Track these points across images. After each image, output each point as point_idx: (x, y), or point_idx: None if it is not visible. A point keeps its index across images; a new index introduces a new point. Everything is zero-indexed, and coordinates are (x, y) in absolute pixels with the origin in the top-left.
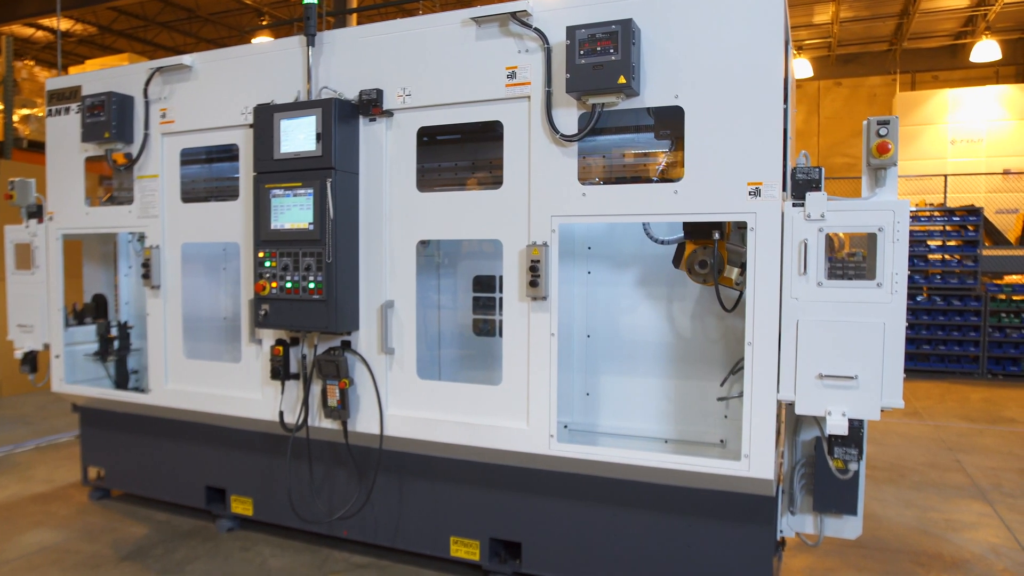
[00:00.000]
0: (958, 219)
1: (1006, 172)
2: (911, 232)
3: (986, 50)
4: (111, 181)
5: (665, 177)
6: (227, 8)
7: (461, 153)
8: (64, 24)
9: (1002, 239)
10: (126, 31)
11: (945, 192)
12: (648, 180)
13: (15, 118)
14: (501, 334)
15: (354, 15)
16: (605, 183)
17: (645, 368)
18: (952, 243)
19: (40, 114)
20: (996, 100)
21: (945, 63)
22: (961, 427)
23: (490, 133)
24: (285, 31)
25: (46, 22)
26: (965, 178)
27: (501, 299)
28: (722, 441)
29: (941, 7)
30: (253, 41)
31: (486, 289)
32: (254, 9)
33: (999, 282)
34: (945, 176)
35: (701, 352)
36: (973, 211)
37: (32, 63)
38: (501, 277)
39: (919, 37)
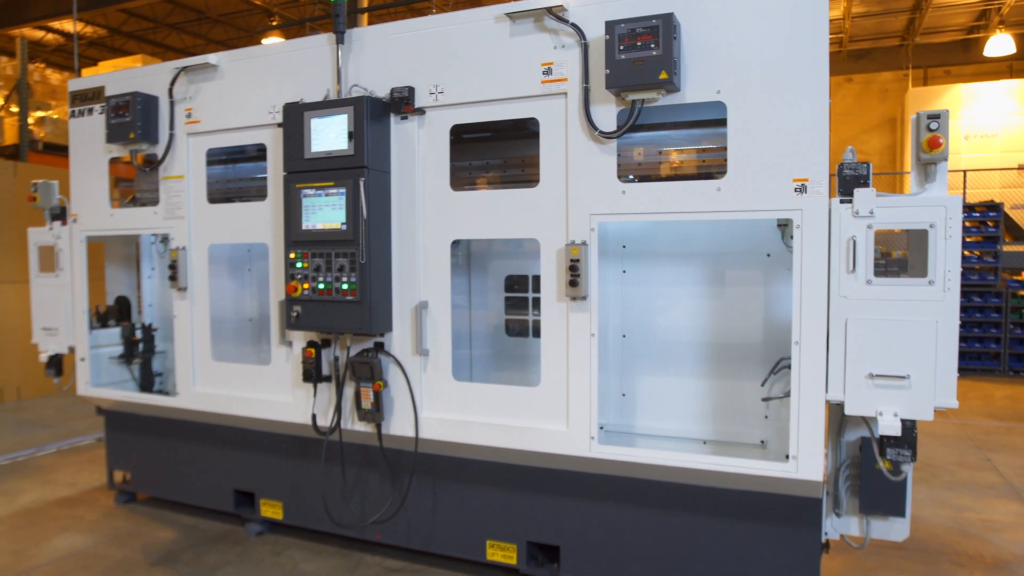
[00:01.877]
0: (978, 215)
1: (1021, 167)
2: None
3: (1000, 44)
4: (127, 183)
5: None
6: (237, 9)
7: (489, 152)
8: (73, 27)
9: (1022, 235)
10: (135, 32)
11: (964, 188)
12: (689, 177)
13: (30, 120)
14: (535, 334)
15: (365, 15)
16: (643, 180)
17: (681, 368)
18: (971, 239)
19: (55, 116)
20: (1010, 95)
21: (958, 58)
22: (987, 425)
23: (520, 131)
24: (295, 31)
25: (56, 25)
26: (979, 173)
27: (534, 299)
28: (762, 442)
29: (954, 1)
30: (264, 42)
31: (519, 289)
32: (264, 10)
33: (1019, 278)
34: (964, 172)
35: (739, 352)
36: (993, 207)
37: (43, 66)
38: (534, 276)
39: (931, 32)
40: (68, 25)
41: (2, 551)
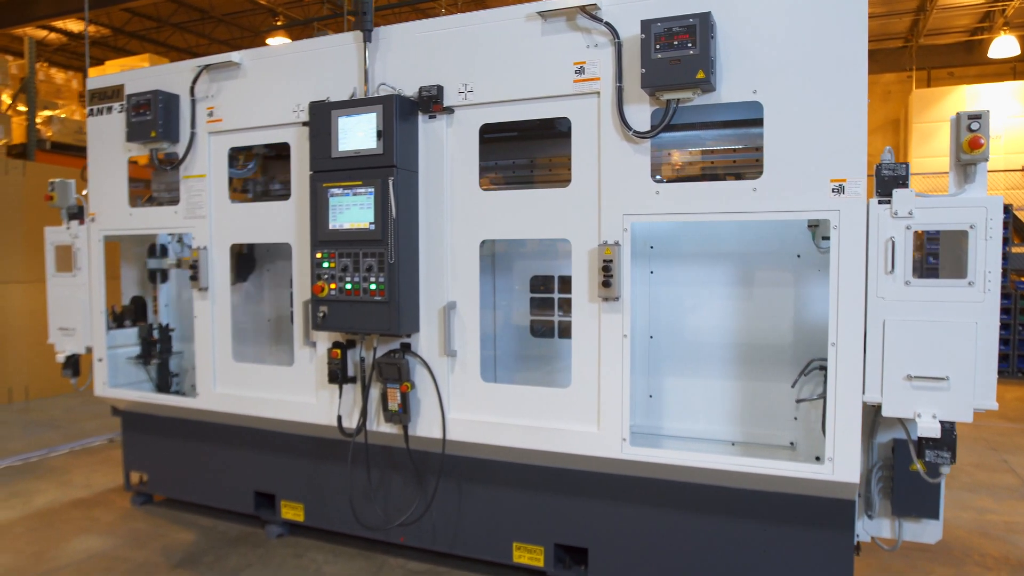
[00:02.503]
0: None
1: None
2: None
3: (1004, 46)
4: (137, 183)
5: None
6: (241, 9)
7: (514, 151)
8: (77, 26)
9: None
10: (139, 32)
11: None
12: (724, 177)
13: (37, 120)
14: (560, 335)
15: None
16: (674, 181)
17: (709, 369)
18: None
19: (62, 115)
20: (1014, 96)
21: (961, 59)
22: (1001, 426)
23: (546, 130)
24: (300, 31)
25: (59, 24)
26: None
27: (560, 300)
28: (792, 443)
29: (958, 3)
30: (269, 41)
31: (544, 289)
32: (268, 9)
33: None
34: None
35: (768, 353)
36: (1003, 208)
37: (47, 65)
38: (560, 277)
39: (935, 33)
40: (71, 24)
41: (22, 553)
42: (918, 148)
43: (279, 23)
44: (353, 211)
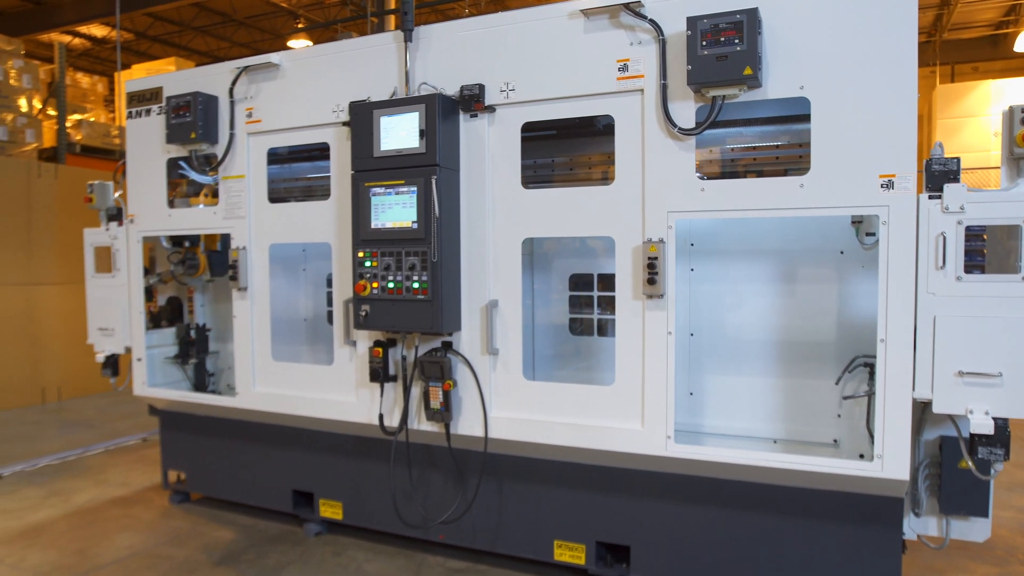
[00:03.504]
0: None
1: None
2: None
3: None
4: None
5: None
6: (262, 11)
7: (554, 149)
8: (100, 31)
9: None
10: (160, 36)
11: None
12: (770, 174)
13: (67, 124)
14: (600, 333)
15: (391, 16)
16: (718, 177)
17: (751, 367)
18: None
19: (91, 119)
20: None
21: (986, 54)
22: None
23: (586, 128)
24: (320, 34)
25: (83, 29)
26: None
27: (600, 297)
28: (835, 441)
29: None
30: (290, 44)
31: (584, 288)
32: (289, 12)
33: None
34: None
35: (811, 350)
36: None
37: (72, 70)
38: (599, 275)
39: (959, 28)
40: (95, 30)
41: (66, 550)
42: (943, 144)
43: (300, 26)
44: (395, 210)
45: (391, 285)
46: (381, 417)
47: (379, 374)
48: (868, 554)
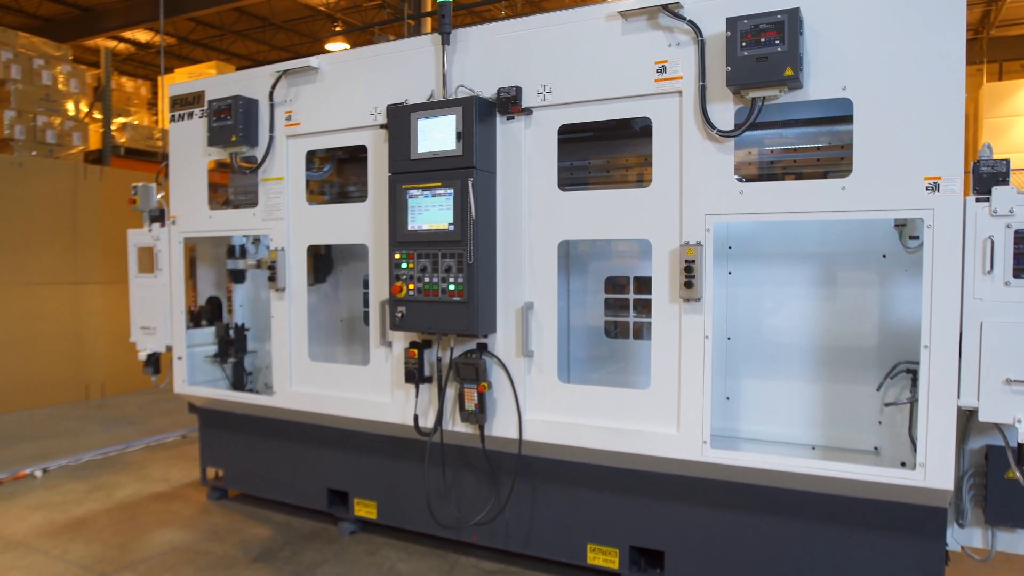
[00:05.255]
0: None
1: None
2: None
3: None
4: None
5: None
6: (301, 15)
7: (589, 152)
8: (144, 36)
9: None
10: (202, 40)
11: None
12: (810, 176)
13: (112, 127)
14: (636, 336)
15: (428, 19)
16: (756, 179)
17: (789, 372)
18: None
19: (135, 122)
20: None
21: None
22: None
23: (622, 130)
24: (357, 37)
25: (128, 35)
26: None
27: (635, 300)
28: (876, 448)
29: None
30: (327, 47)
31: (620, 290)
32: (327, 15)
33: None
34: None
35: (851, 355)
36: None
37: (117, 74)
38: (635, 278)
39: (1007, 24)
40: (139, 35)
41: (108, 544)
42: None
43: (338, 28)
44: (432, 212)
45: (427, 287)
46: (416, 418)
47: (414, 375)
48: (909, 565)
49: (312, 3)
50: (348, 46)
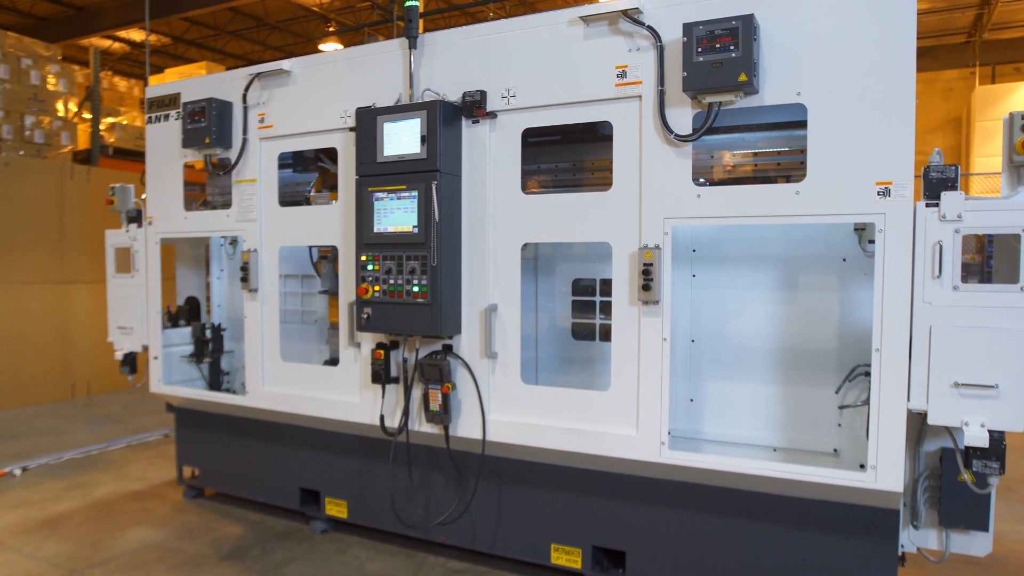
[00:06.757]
0: None
1: None
2: None
3: None
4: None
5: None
6: (294, 16)
7: (556, 155)
8: (138, 35)
9: None
10: (196, 40)
11: None
12: (766, 180)
13: (101, 127)
14: (602, 338)
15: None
16: (716, 184)
17: (751, 374)
18: None
19: (124, 122)
20: None
21: None
22: None
23: (588, 134)
24: (350, 37)
25: (122, 34)
26: None
27: (602, 303)
28: (835, 450)
29: None
30: (322, 47)
31: (587, 293)
32: (321, 16)
33: None
34: None
35: (812, 358)
36: None
37: (110, 74)
38: (602, 280)
39: (1000, 27)
40: (134, 34)
41: (82, 541)
42: (981, 147)
43: (331, 29)
44: (397, 215)
45: (392, 288)
46: (382, 418)
47: (381, 376)
48: (864, 566)
49: (306, 3)
50: (341, 46)
